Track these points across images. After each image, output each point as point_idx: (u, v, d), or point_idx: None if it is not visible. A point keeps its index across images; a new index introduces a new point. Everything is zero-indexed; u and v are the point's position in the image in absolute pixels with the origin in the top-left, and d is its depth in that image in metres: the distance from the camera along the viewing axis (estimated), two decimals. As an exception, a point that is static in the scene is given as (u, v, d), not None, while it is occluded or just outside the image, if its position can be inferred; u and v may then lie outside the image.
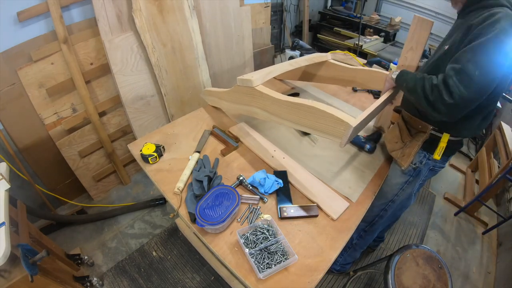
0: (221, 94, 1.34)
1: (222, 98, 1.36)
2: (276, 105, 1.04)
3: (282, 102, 1.01)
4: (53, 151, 1.73)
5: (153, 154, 1.13)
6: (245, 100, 1.17)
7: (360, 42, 3.05)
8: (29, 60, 1.48)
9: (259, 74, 1.12)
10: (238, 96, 1.21)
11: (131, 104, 1.84)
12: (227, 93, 1.28)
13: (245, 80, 1.11)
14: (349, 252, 1.54)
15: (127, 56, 1.72)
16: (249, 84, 1.09)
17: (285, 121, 1.04)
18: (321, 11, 4.06)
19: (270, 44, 3.04)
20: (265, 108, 1.10)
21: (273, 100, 1.04)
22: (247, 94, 1.14)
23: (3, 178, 1.12)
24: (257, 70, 1.20)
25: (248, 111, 1.20)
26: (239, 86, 1.16)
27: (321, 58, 1.42)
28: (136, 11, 1.64)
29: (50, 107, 1.64)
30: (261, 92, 1.07)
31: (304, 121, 0.98)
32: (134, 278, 1.58)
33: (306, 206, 1.01)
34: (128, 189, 2.13)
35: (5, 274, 0.99)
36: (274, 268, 0.80)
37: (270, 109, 1.07)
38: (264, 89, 1.07)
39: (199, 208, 0.90)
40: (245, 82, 1.11)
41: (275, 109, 1.05)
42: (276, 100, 1.03)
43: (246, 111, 1.22)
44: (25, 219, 1.19)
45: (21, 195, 1.68)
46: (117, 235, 1.82)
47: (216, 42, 2.25)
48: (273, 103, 1.05)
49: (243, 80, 1.12)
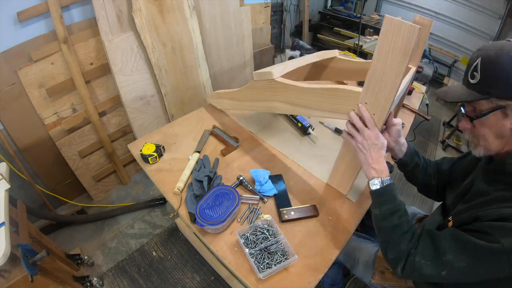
0: (234, 93, 1.30)
1: (234, 98, 1.31)
2: (302, 95, 0.96)
3: (310, 90, 0.92)
4: (53, 151, 1.73)
5: (153, 154, 1.13)
6: (264, 95, 1.11)
7: (360, 42, 3.05)
8: (29, 60, 1.48)
9: (277, 67, 1.07)
10: (255, 92, 1.16)
11: (131, 104, 1.84)
12: (240, 91, 1.24)
13: (263, 73, 1.06)
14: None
15: (127, 56, 1.72)
16: (269, 76, 1.04)
17: (313, 111, 0.96)
18: (321, 11, 4.07)
19: (270, 44, 3.04)
20: (287, 101, 1.03)
21: (299, 90, 0.96)
22: (266, 89, 1.09)
23: (3, 178, 1.12)
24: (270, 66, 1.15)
25: (267, 107, 1.15)
26: (256, 81, 1.11)
27: (329, 54, 1.40)
28: (136, 11, 1.64)
29: (50, 107, 1.64)
30: (283, 84, 1.00)
31: (338, 107, 0.88)
32: (134, 278, 1.58)
33: (306, 206, 1.00)
34: (128, 189, 2.13)
35: (5, 274, 0.99)
36: (274, 268, 0.80)
37: (294, 100, 1.00)
38: (285, 80, 1.02)
39: (199, 208, 0.90)
40: (263, 76, 1.06)
41: (301, 100, 0.98)
42: (302, 89, 0.95)
43: (265, 107, 1.16)
44: (25, 219, 1.19)
45: (21, 195, 1.68)
46: (117, 235, 1.82)
47: (216, 42, 2.25)
48: (298, 93, 0.97)
49: (261, 74, 1.07)
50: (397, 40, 0.67)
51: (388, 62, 0.70)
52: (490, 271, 0.62)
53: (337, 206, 1.03)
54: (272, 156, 1.23)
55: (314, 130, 1.34)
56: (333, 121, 1.45)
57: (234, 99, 1.33)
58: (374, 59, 0.72)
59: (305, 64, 1.27)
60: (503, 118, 0.65)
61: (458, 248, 0.65)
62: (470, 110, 0.72)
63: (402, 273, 0.71)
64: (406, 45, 0.66)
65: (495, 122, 0.67)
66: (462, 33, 3.34)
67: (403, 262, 0.71)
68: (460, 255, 0.64)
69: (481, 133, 0.71)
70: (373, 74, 0.74)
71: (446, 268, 0.65)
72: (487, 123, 0.68)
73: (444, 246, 0.67)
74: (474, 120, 0.70)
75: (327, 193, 1.08)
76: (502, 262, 0.59)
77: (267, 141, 1.30)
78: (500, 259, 0.60)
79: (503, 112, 0.65)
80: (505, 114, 0.65)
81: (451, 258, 0.65)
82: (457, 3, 3.25)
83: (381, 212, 0.78)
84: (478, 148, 0.73)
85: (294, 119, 1.38)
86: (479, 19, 3.16)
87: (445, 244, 0.67)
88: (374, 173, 0.80)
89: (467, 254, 0.63)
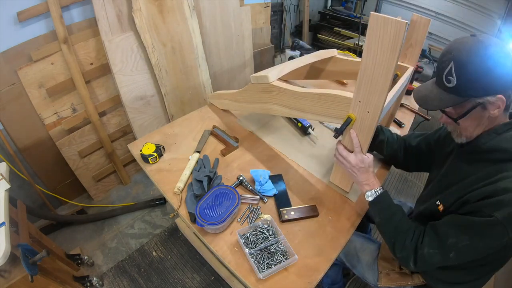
0: (233, 95, 1.31)
1: (234, 100, 1.33)
2: (296, 99, 0.99)
3: (304, 95, 0.96)
4: (53, 151, 1.73)
5: (153, 154, 1.13)
6: (261, 98, 1.13)
7: (360, 42, 3.05)
8: (29, 60, 1.48)
9: (273, 71, 1.09)
10: (253, 94, 1.18)
11: (131, 104, 1.84)
12: (240, 93, 1.25)
13: (260, 77, 1.07)
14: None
15: (127, 56, 1.72)
16: (265, 80, 1.06)
17: (308, 114, 0.99)
18: (321, 11, 4.07)
19: (270, 44, 3.03)
20: (284, 104, 1.05)
21: (293, 94, 0.99)
22: (263, 92, 1.11)
23: (3, 178, 1.12)
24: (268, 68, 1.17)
25: (264, 109, 1.17)
26: (254, 84, 1.12)
27: (328, 53, 1.41)
28: (136, 11, 1.64)
29: (50, 107, 1.64)
30: (278, 87, 1.03)
31: (331, 112, 0.91)
32: (134, 278, 1.58)
33: (306, 206, 1.00)
34: (128, 189, 2.13)
35: (5, 274, 0.99)
36: (274, 268, 0.80)
37: (290, 104, 1.03)
38: (281, 84, 1.04)
39: (199, 208, 0.90)
40: (260, 79, 1.08)
41: (296, 103, 1.01)
42: (296, 93, 0.98)
43: (263, 109, 1.18)
44: (25, 219, 1.19)
45: (21, 195, 1.68)
46: (117, 235, 1.82)
47: (216, 42, 2.25)
48: (293, 97, 1.00)
49: (257, 77, 1.09)
50: (384, 36, 0.67)
51: (377, 60, 0.71)
52: (490, 243, 0.68)
53: (337, 206, 1.03)
54: (272, 156, 1.23)
55: (314, 130, 1.34)
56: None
57: (233, 100, 1.34)
58: (363, 57, 0.73)
59: (303, 65, 1.28)
60: (483, 111, 0.71)
61: (458, 230, 0.71)
62: (452, 112, 0.76)
63: (416, 267, 0.77)
64: (395, 41, 0.66)
65: (476, 115, 0.73)
66: (462, 33, 3.34)
67: (413, 257, 0.77)
68: (461, 235, 0.69)
69: (464, 126, 0.76)
70: (364, 72, 0.75)
71: (453, 250, 0.71)
72: (469, 118, 0.74)
73: (446, 232, 0.72)
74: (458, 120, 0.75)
75: (327, 193, 1.08)
76: (498, 232, 0.65)
77: (267, 141, 1.30)
78: (496, 229, 0.65)
79: (483, 107, 0.71)
80: (484, 107, 0.71)
81: (454, 241, 0.70)
82: (457, 3, 3.25)
83: (380, 219, 0.86)
84: (461, 137, 0.79)
85: (294, 119, 1.39)
86: (479, 19, 3.16)
87: (446, 230, 0.73)
88: (367, 187, 0.90)
89: (467, 232, 0.69)
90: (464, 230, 0.70)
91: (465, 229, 0.69)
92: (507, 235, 0.64)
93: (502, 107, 0.69)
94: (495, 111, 0.70)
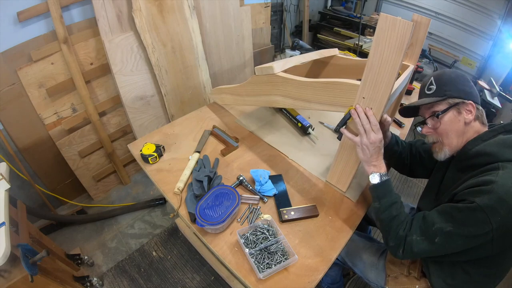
0: (236, 88, 1.32)
1: (236, 93, 1.33)
2: (301, 88, 1.00)
3: (309, 84, 0.96)
4: (53, 151, 1.73)
5: (153, 154, 1.13)
6: (265, 89, 1.14)
7: (360, 42, 3.05)
8: (29, 60, 1.48)
9: (278, 62, 1.10)
10: (256, 87, 1.18)
11: (131, 104, 1.84)
12: (241, 86, 1.26)
13: (265, 68, 1.08)
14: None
15: (127, 56, 1.72)
16: (270, 71, 1.07)
17: (313, 104, 0.99)
18: (321, 11, 4.07)
19: (270, 44, 3.03)
20: (288, 95, 1.06)
21: (298, 84, 1.00)
22: (267, 83, 1.12)
23: (3, 178, 1.12)
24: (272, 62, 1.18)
25: (268, 101, 1.18)
26: (258, 76, 1.13)
27: (329, 52, 1.41)
28: (136, 11, 1.64)
29: (50, 107, 1.64)
30: (283, 78, 1.04)
31: (337, 100, 0.92)
32: (134, 278, 1.58)
33: (306, 207, 1.00)
34: (128, 189, 2.13)
35: (5, 274, 0.99)
36: (274, 268, 0.80)
37: (295, 94, 1.03)
38: (286, 74, 1.05)
39: (199, 208, 0.90)
40: (265, 70, 1.09)
41: (301, 94, 1.01)
42: (302, 82, 0.98)
43: (266, 102, 1.19)
44: (25, 219, 1.19)
45: (21, 195, 1.68)
46: (117, 235, 1.82)
47: (216, 42, 2.25)
48: (298, 87, 1.01)
49: (262, 69, 1.10)
50: (392, 36, 0.71)
51: (384, 58, 0.75)
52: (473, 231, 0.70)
53: (337, 206, 1.03)
54: (272, 156, 1.23)
55: (314, 130, 1.34)
56: (333, 121, 1.45)
57: (235, 94, 1.34)
58: (370, 55, 0.77)
59: (306, 61, 1.29)
60: (458, 115, 0.83)
61: (442, 216, 0.75)
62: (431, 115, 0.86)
63: (403, 255, 0.80)
64: (401, 40, 0.70)
65: (453, 118, 0.83)
66: (462, 33, 3.34)
67: (403, 245, 0.80)
68: (446, 222, 0.74)
69: (444, 131, 0.85)
70: (370, 69, 0.79)
71: (438, 235, 0.74)
72: (447, 120, 0.83)
73: (432, 219, 0.77)
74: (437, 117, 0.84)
75: (327, 193, 1.08)
76: (479, 219, 0.68)
77: (267, 141, 1.30)
78: (476, 215, 0.69)
79: (457, 110, 0.82)
80: (458, 111, 0.82)
81: (439, 226, 0.74)
82: (457, 3, 3.25)
83: (380, 205, 0.86)
84: (443, 150, 0.86)
85: (294, 119, 1.39)
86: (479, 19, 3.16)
87: (432, 217, 0.77)
88: (374, 169, 0.90)
89: (451, 219, 0.73)
90: (448, 216, 0.74)
91: (449, 215, 0.74)
92: (490, 225, 0.67)
93: (473, 112, 0.81)
94: (469, 115, 0.81)
